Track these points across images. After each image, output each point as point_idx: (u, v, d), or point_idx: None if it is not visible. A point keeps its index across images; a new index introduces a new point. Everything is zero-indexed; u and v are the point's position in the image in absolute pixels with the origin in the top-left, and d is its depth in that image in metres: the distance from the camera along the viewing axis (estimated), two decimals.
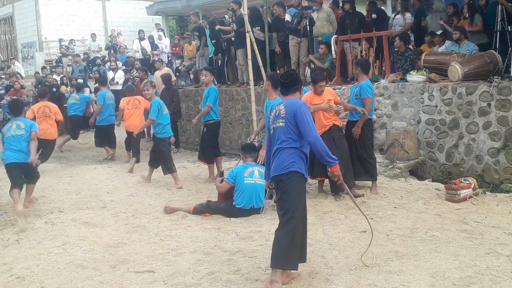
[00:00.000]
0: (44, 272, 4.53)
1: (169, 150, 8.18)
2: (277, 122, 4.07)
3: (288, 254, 3.92)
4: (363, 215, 4.54)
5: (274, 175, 4.05)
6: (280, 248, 3.92)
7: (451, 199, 6.20)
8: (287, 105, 4.04)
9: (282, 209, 4.01)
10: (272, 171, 4.06)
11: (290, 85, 4.18)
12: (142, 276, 4.36)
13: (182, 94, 12.29)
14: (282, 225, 3.98)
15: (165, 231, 5.57)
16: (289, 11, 9.93)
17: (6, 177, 8.78)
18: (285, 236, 3.91)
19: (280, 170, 3.99)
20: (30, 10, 21.66)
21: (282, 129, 4.01)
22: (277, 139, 4.06)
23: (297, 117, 3.93)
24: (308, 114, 3.97)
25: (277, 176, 4.02)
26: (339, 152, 6.27)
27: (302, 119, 3.92)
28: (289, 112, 3.97)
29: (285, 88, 4.21)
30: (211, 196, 6.85)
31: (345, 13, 10.20)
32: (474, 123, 7.38)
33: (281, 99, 4.33)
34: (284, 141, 4.00)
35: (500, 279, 4.00)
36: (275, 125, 4.09)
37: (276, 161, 4.03)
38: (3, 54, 23.55)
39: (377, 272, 4.20)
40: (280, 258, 3.91)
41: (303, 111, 3.96)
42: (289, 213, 3.94)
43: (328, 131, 6.35)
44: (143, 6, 20.98)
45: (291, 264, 3.98)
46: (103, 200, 7.10)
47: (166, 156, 7.97)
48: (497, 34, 8.27)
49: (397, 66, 9.12)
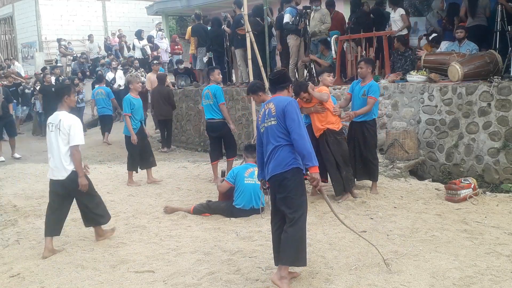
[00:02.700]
0: (44, 272, 4.53)
1: (134, 148, 7.92)
2: (268, 120, 4.03)
3: (299, 250, 3.92)
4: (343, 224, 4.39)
5: (275, 173, 3.97)
6: (292, 245, 3.89)
7: (451, 199, 6.20)
8: (276, 103, 4.02)
9: (291, 207, 3.94)
10: (272, 170, 3.99)
11: (278, 83, 4.18)
12: (142, 276, 4.36)
13: (182, 94, 12.29)
14: (293, 223, 3.90)
15: (165, 231, 5.57)
16: (290, 11, 9.93)
17: (6, 177, 8.87)
18: (296, 233, 3.90)
19: (282, 168, 3.94)
20: (30, 10, 21.68)
21: (275, 127, 3.98)
22: (271, 138, 4.00)
23: (285, 112, 3.91)
24: (297, 111, 3.93)
25: (280, 174, 3.96)
26: (336, 155, 6.28)
27: (290, 115, 3.89)
28: (279, 110, 3.95)
29: (274, 86, 4.22)
30: (211, 196, 6.85)
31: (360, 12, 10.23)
32: (474, 123, 7.38)
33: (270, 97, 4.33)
34: (281, 138, 3.96)
35: (500, 279, 4.00)
36: (266, 124, 4.05)
37: (275, 159, 3.98)
38: (3, 54, 23.55)
39: (377, 272, 4.20)
40: (291, 255, 3.90)
41: (292, 107, 3.93)
42: (300, 210, 3.93)
43: (322, 134, 6.34)
44: (143, 6, 21.01)
45: (303, 259, 3.98)
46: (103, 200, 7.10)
47: (129, 153, 8.10)
48: (497, 34, 8.26)
49: (397, 66, 9.13)
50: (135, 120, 7.89)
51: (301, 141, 3.84)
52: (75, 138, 4.98)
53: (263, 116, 4.11)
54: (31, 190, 7.81)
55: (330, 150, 6.30)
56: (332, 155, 6.30)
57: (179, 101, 12.31)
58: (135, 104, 7.84)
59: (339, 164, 6.31)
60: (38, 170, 9.53)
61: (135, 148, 7.93)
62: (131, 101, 7.83)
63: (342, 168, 6.32)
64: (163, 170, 9.16)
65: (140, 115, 7.98)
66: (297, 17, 9.78)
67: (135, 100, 7.89)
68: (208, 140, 11.36)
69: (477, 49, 8.57)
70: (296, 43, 9.92)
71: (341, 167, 6.31)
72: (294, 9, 9.93)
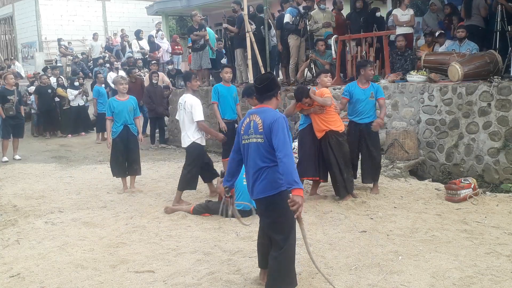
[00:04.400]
0: (44, 272, 4.53)
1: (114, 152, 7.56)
2: (254, 137, 3.69)
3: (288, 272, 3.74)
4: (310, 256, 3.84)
5: (263, 196, 3.68)
6: (281, 272, 3.70)
7: (451, 199, 6.20)
8: (264, 118, 3.65)
9: (280, 232, 3.71)
10: (260, 192, 3.69)
11: (264, 91, 3.75)
12: (142, 276, 4.36)
13: (182, 94, 12.28)
14: (283, 250, 3.69)
15: (165, 231, 5.57)
16: (290, 11, 9.94)
17: (6, 177, 8.87)
18: (285, 260, 3.71)
19: (271, 191, 3.65)
20: (30, 10, 21.68)
21: (262, 146, 3.64)
22: (257, 157, 3.67)
23: (272, 129, 3.56)
24: (285, 129, 3.58)
25: (269, 197, 3.67)
26: (337, 157, 6.28)
27: (277, 133, 3.53)
28: (266, 127, 3.60)
29: (261, 94, 3.78)
30: (211, 196, 6.86)
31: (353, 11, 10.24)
32: (474, 123, 7.38)
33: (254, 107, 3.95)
34: (268, 159, 3.64)
35: (500, 279, 4.00)
36: (251, 140, 3.71)
37: (262, 180, 3.67)
38: (3, 54, 23.56)
39: (377, 272, 4.20)
40: (283, 280, 3.73)
41: (280, 124, 3.56)
42: (289, 235, 3.71)
43: (324, 135, 6.34)
44: (143, 6, 21.00)
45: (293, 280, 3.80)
46: (103, 200, 7.11)
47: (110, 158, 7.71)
48: (497, 34, 8.27)
49: (397, 66, 9.12)
50: (117, 124, 7.42)
51: (288, 161, 3.46)
52: (196, 115, 6.39)
53: (246, 127, 3.77)
54: (31, 190, 7.81)
55: (332, 152, 6.29)
56: (334, 157, 6.30)
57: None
58: (115, 107, 7.40)
59: (340, 166, 6.31)
60: (38, 170, 9.53)
61: (115, 153, 7.52)
62: (112, 104, 7.45)
63: (343, 170, 6.32)
64: (163, 170, 9.17)
65: (122, 118, 7.42)
66: (297, 17, 9.79)
67: (116, 103, 7.46)
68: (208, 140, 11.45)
69: (477, 49, 8.58)
70: (296, 43, 9.93)
71: (342, 169, 6.32)
72: (294, 9, 9.94)
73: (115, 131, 7.47)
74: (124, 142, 7.50)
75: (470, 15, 9.10)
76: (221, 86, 7.86)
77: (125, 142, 7.51)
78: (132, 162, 7.62)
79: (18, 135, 10.96)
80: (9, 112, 10.55)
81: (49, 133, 14.07)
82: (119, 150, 7.51)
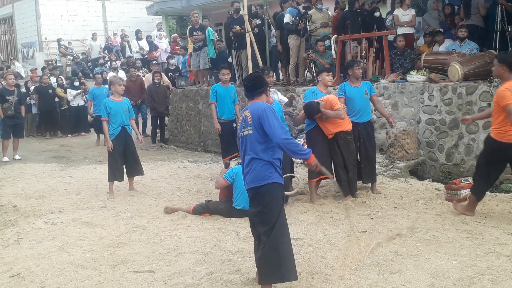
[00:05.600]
0: (44, 272, 4.53)
1: (112, 155, 7.31)
2: (245, 130, 3.88)
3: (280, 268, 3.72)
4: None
5: (250, 187, 3.85)
6: (270, 266, 3.72)
7: (451, 199, 6.19)
8: (252, 110, 3.85)
9: (265, 223, 3.77)
10: (249, 183, 3.86)
11: (254, 88, 3.95)
12: (142, 276, 4.36)
13: (182, 94, 12.29)
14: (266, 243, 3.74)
15: (165, 231, 5.57)
16: (290, 11, 9.94)
17: (6, 177, 8.87)
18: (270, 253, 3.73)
19: (256, 182, 3.80)
20: (30, 10, 21.69)
21: (253, 137, 3.82)
22: (249, 148, 3.85)
23: (262, 120, 3.74)
24: (273, 116, 3.76)
25: (254, 188, 3.83)
26: (345, 156, 6.28)
27: (267, 121, 3.72)
28: (255, 118, 3.79)
29: (250, 91, 3.99)
30: (211, 196, 6.85)
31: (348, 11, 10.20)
32: (474, 123, 7.37)
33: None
34: (257, 150, 3.81)
35: (500, 279, 4.00)
36: (244, 133, 3.90)
37: (251, 172, 3.83)
38: (3, 54, 23.57)
39: (377, 272, 4.20)
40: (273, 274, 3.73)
41: (268, 113, 3.75)
42: (274, 229, 3.75)
43: (333, 136, 6.31)
44: (143, 6, 21.03)
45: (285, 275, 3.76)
46: (103, 200, 7.11)
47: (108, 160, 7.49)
48: (497, 34, 8.27)
49: (396, 66, 9.12)
50: (114, 125, 7.21)
51: (287, 143, 3.69)
52: None
53: (241, 123, 3.99)
54: (31, 190, 7.81)
55: (340, 151, 6.28)
56: (341, 156, 6.29)
57: (179, 101, 12.32)
58: (111, 107, 7.19)
59: (347, 165, 6.31)
60: (38, 170, 9.53)
61: (113, 155, 7.26)
62: (108, 105, 7.21)
63: (349, 169, 6.32)
64: (163, 170, 9.17)
65: (119, 119, 7.23)
66: (297, 17, 9.79)
67: (112, 103, 7.24)
68: (208, 140, 11.48)
69: (478, 49, 8.58)
70: (296, 43, 9.93)
71: (348, 168, 6.32)
72: (294, 9, 9.94)
73: (112, 133, 7.23)
74: (123, 144, 7.36)
75: (469, 14, 9.11)
76: (219, 86, 7.88)
77: (124, 144, 7.38)
78: (133, 163, 7.52)
79: (18, 135, 10.96)
80: (7, 112, 10.48)
81: (49, 133, 14.07)
82: (118, 153, 7.29)
